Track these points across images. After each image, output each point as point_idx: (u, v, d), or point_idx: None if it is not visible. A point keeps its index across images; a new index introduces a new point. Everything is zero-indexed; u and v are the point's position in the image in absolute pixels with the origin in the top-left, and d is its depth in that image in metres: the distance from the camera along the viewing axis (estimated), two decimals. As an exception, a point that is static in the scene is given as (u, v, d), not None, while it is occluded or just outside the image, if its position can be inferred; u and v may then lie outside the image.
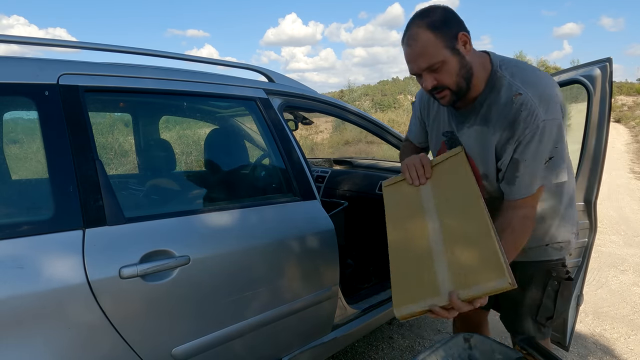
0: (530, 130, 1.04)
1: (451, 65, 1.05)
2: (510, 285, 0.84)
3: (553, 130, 1.04)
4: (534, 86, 1.06)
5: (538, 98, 1.04)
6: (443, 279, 0.93)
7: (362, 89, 42.94)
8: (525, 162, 1.06)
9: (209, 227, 1.27)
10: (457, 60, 1.05)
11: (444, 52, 1.03)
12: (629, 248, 4.00)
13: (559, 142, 1.06)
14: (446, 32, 1.03)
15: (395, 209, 1.24)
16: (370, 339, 2.39)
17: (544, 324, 1.28)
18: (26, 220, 1.01)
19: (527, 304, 1.28)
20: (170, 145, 1.94)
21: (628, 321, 2.59)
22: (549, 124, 1.03)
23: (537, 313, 1.27)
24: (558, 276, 1.26)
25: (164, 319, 1.15)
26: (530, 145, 1.05)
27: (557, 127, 1.04)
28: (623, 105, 29.77)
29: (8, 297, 0.90)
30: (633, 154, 11.70)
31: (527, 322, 1.29)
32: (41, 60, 1.12)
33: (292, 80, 1.82)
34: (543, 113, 1.03)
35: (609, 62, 1.50)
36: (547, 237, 1.23)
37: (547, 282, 1.25)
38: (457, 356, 1.01)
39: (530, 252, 1.25)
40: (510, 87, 1.07)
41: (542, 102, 1.04)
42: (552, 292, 1.26)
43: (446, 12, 1.05)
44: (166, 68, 1.40)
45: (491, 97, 1.10)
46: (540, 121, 1.03)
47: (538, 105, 1.03)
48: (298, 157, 1.58)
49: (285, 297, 1.44)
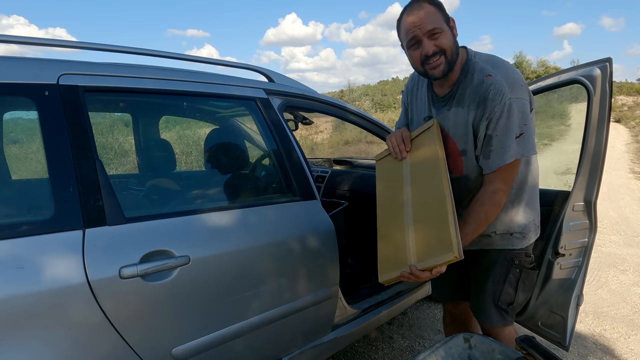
0: (498, 107, 1.16)
1: (447, 35, 1.21)
2: (455, 258, 0.98)
3: (520, 107, 1.16)
4: (502, 69, 1.20)
5: (505, 79, 1.18)
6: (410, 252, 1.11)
7: (362, 89, 42.98)
8: (497, 137, 1.18)
9: (209, 227, 1.27)
10: (451, 35, 1.22)
11: (443, 24, 1.20)
12: (629, 248, 4.00)
13: (527, 120, 1.17)
14: (444, 12, 1.21)
15: (382, 182, 1.37)
16: (370, 339, 2.39)
17: (505, 309, 1.37)
18: (26, 220, 1.01)
19: (490, 290, 1.37)
20: (170, 145, 1.94)
21: (628, 321, 2.59)
22: (515, 102, 1.15)
23: (499, 299, 1.36)
24: (520, 264, 1.35)
25: (164, 319, 1.15)
26: (500, 121, 1.16)
27: (523, 106, 1.16)
28: (623, 105, 29.78)
29: (8, 297, 0.90)
30: (633, 154, 11.70)
31: (489, 307, 1.38)
32: (41, 60, 1.12)
33: (292, 80, 1.82)
34: (509, 92, 1.16)
35: (609, 62, 1.50)
36: (512, 224, 1.32)
37: (509, 270, 1.35)
38: (457, 356, 1.01)
39: (495, 238, 1.34)
40: (482, 71, 1.22)
41: (509, 83, 1.17)
42: (513, 280, 1.35)
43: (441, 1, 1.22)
44: (166, 68, 1.40)
45: (465, 81, 1.25)
46: (507, 99, 1.15)
47: (505, 85, 1.16)
48: (298, 157, 1.58)
49: (285, 297, 1.44)
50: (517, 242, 1.34)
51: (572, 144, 10.01)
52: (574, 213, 1.63)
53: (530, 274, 1.36)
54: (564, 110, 17.67)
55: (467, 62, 1.26)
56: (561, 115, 17.63)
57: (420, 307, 2.76)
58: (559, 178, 7.57)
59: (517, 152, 1.17)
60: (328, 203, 1.98)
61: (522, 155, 1.18)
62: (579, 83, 1.59)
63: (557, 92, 7.25)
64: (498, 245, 1.35)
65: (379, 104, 37.46)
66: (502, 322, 1.38)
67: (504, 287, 1.35)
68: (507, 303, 1.36)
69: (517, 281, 1.35)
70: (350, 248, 2.66)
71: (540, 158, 1.37)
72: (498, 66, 1.22)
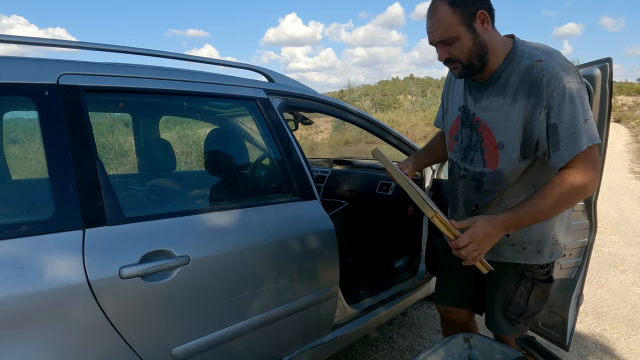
0: (557, 92, 1.05)
1: (464, 41, 1.11)
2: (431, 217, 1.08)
3: (579, 92, 1.06)
4: (553, 55, 1.10)
5: (559, 65, 1.08)
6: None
7: (362, 89, 42.97)
8: (564, 124, 1.06)
9: (209, 227, 1.27)
10: (471, 38, 1.11)
11: (460, 28, 1.10)
12: (629, 248, 4.00)
13: (588, 107, 1.07)
14: (464, 10, 1.09)
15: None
16: (370, 339, 2.39)
17: (515, 319, 1.30)
18: (26, 220, 1.01)
19: (499, 300, 1.31)
20: (170, 145, 1.94)
21: (628, 321, 2.59)
22: (575, 86, 1.05)
23: (508, 308, 1.29)
24: (532, 277, 1.26)
25: (164, 319, 1.15)
26: (562, 107, 1.05)
27: (583, 90, 1.07)
28: (623, 105, 29.76)
29: (8, 297, 0.90)
30: (633, 154, 11.70)
31: (498, 317, 1.32)
32: (41, 60, 1.12)
33: (292, 80, 1.82)
34: (567, 77, 1.06)
35: (609, 62, 1.50)
36: (526, 235, 1.23)
37: (520, 282, 1.27)
38: (457, 356, 1.01)
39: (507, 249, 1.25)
40: (531, 56, 1.11)
41: (563, 68, 1.07)
42: (524, 292, 1.27)
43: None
44: (166, 68, 1.40)
45: (510, 68, 1.14)
46: (566, 83, 1.05)
47: (559, 69, 1.07)
48: (298, 157, 1.58)
49: (285, 297, 1.44)
50: (531, 257, 1.24)
51: (572, 144, 9.89)
52: (574, 213, 1.63)
53: (543, 287, 1.28)
54: (564, 110, 17.63)
55: (512, 50, 1.15)
56: (561, 115, 17.59)
57: (420, 307, 2.76)
58: (559, 178, 7.54)
59: (588, 138, 1.05)
60: (328, 203, 1.98)
61: (593, 142, 1.05)
62: (579, 83, 1.59)
63: (557, 92, 7.21)
64: (509, 259, 1.27)
65: (379, 104, 37.44)
66: (513, 331, 1.32)
67: (514, 299, 1.28)
68: (517, 314, 1.30)
69: (529, 293, 1.27)
70: (350, 248, 2.67)
71: (540, 158, 1.35)
72: (549, 52, 1.12)
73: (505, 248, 1.26)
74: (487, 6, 1.12)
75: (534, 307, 1.28)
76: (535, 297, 1.27)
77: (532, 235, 1.22)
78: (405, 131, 15.92)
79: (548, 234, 1.23)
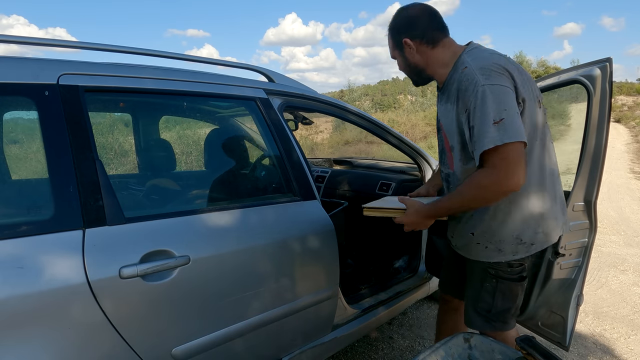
0: (472, 96, 1.14)
1: (401, 61, 1.38)
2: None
3: (496, 93, 1.11)
4: (478, 59, 1.19)
5: (479, 69, 1.15)
6: None
7: (362, 89, 42.96)
8: (476, 125, 1.13)
9: (209, 227, 1.27)
10: (403, 60, 1.36)
11: (395, 51, 1.37)
12: (629, 248, 4.00)
13: (508, 106, 1.10)
14: (396, 38, 1.33)
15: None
16: (370, 339, 2.39)
17: (486, 316, 1.35)
18: (26, 220, 1.01)
19: (470, 295, 1.41)
20: (170, 145, 1.94)
21: (628, 321, 2.59)
22: (490, 88, 1.11)
23: (477, 304, 1.37)
24: (496, 275, 1.31)
25: (164, 319, 1.15)
26: (476, 109, 1.13)
27: (501, 91, 1.11)
28: (623, 105, 29.78)
29: (8, 297, 0.90)
30: (633, 154, 11.71)
31: (470, 311, 1.40)
32: (41, 60, 1.12)
33: (292, 80, 1.82)
34: (483, 79, 1.13)
35: (609, 62, 1.50)
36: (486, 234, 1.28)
37: (485, 279, 1.33)
38: (457, 356, 1.01)
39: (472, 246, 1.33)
40: (462, 64, 1.22)
41: (482, 71, 1.14)
42: (490, 288, 1.33)
43: (400, 20, 1.32)
44: (166, 68, 1.40)
45: (454, 76, 1.25)
46: (480, 86, 1.12)
47: (477, 73, 1.14)
48: (298, 157, 1.58)
49: (285, 297, 1.44)
50: (492, 255, 1.29)
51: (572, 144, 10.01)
52: (574, 213, 1.63)
53: (510, 285, 1.30)
54: (564, 110, 17.66)
55: (457, 59, 1.25)
56: (561, 115, 17.63)
57: (420, 307, 2.76)
58: (559, 178, 7.55)
59: (496, 138, 1.08)
60: (328, 203, 1.98)
61: (503, 142, 1.07)
62: (579, 83, 1.59)
63: (557, 92, 7.26)
64: (474, 256, 1.34)
65: (379, 104, 37.42)
66: (487, 327, 1.35)
67: (481, 295, 1.34)
68: (485, 310, 1.35)
69: (494, 290, 1.31)
70: (350, 248, 2.66)
71: (540, 158, 1.35)
72: (477, 57, 1.20)
73: (471, 246, 1.33)
74: (419, 33, 1.28)
75: (501, 304, 1.32)
76: (502, 295, 1.31)
77: (492, 235, 1.27)
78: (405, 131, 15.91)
79: (509, 233, 1.25)
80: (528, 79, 1.23)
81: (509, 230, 1.25)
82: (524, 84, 1.18)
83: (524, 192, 1.22)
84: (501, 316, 1.34)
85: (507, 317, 1.35)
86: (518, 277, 1.31)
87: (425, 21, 1.28)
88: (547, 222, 1.27)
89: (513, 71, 1.16)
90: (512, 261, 1.28)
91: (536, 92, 1.24)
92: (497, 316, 1.34)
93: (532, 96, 1.20)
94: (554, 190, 1.29)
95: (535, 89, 1.25)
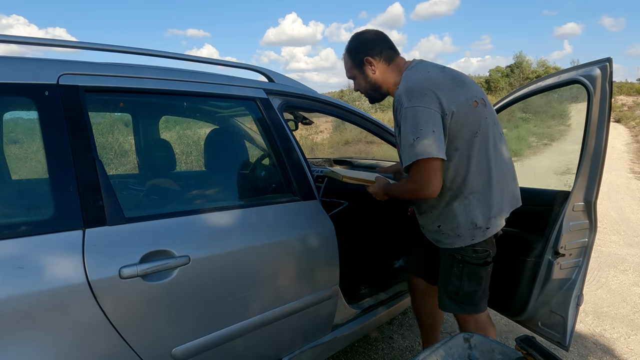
0: (399, 116, 1.32)
1: (360, 80, 1.50)
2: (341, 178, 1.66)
3: (414, 114, 1.26)
4: (406, 81, 1.35)
5: (405, 90, 1.32)
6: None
7: (362, 89, 42.78)
8: (401, 142, 1.32)
9: (209, 227, 1.27)
10: (363, 78, 1.49)
11: (354, 70, 1.50)
12: (629, 248, 4.00)
13: (423, 126, 1.25)
14: (355, 57, 1.47)
15: None
16: (370, 339, 2.39)
17: (455, 298, 1.50)
18: (26, 220, 1.02)
19: (441, 278, 1.55)
20: (170, 145, 1.94)
21: (628, 321, 2.59)
22: (411, 110, 1.27)
23: (447, 287, 1.51)
24: (462, 260, 1.45)
25: (164, 319, 1.15)
26: (402, 128, 1.30)
27: (421, 113, 1.26)
28: (623, 105, 29.77)
29: (8, 297, 0.90)
30: (633, 154, 11.71)
31: (442, 294, 1.55)
32: (41, 60, 1.12)
33: (292, 80, 1.82)
34: (407, 102, 1.29)
35: (609, 62, 1.50)
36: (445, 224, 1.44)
37: (452, 264, 1.48)
38: (457, 356, 1.01)
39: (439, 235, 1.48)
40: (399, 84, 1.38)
41: (407, 93, 1.30)
42: (457, 272, 1.47)
43: (359, 41, 1.46)
44: (166, 68, 1.40)
45: (396, 93, 1.39)
46: (403, 108, 1.29)
47: (404, 95, 1.30)
48: (298, 157, 1.58)
49: (285, 297, 1.44)
50: (454, 241, 1.44)
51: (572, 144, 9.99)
52: (574, 213, 1.63)
53: (474, 268, 1.45)
54: (564, 110, 17.67)
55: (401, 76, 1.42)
56: (561, 115, 17.64)
57: (420, 307, 2.76)
58: (559, 178, 7.57)
59: (412, 155, 1.26)
60: (328, 203, 1.98)
61: (417, 158, 1.25)
62: (579, 83, 1.59)
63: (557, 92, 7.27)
64: (442, 244, 1.49)
65: (379, 104, 37.42)
66: (458, 310, 1.51)
67: (450, 278, 1.49)
68: (454, 293, 1.49)
69: (461, 274, 1.46)
70: (350, 248, 2.66)
71: (540, 158, 1.38)
72: (408, 78, 1.36)
73: (439, 236, 1.49)
74: (377, 51, 1.43)
75: (468, 287, 1.47)
76: (468, 278, 1.46)
77: (449, 224, 1.44)
78: (405, 131, 15.83)
79: (465, 221, 1.40)
80: (458, 86, 1.34)
81: (465, 218, 1.40)
82: (451, 95, 1.30)
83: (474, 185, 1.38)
84: (469, 298, 1.49)
85: (475, 299, 1.49)
86: (483, 262, 1.45)
87: (381, 41, 1.45)
88: (497, 208, 1.41)
89: (438, 88, 1.29)
90: (476, 247, 1.42)
91: (470, 94, 1.35)
92: (465, 298, 1.48)
93: (464, 100, 1.32)
94: (500, 180, 1.41)
95: (470, 91, 1.36)
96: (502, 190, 1.42)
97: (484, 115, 1.37)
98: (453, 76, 1.37)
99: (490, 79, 38.02)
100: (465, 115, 1.31)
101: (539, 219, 1.72)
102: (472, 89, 1.38)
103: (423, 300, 1.81)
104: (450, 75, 1.37)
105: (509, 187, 1.45)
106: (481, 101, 1.38)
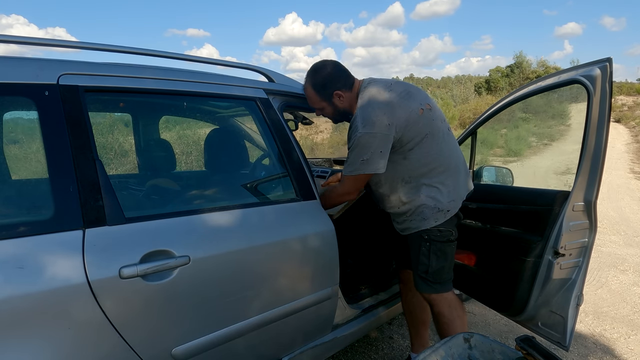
0: (352, 140, 1.47)
1: (328, 109, 1.64)
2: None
3: (367, 140, 1.44)
4: (362, 108, 1.49)
5: (360, 118, 1.46)
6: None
7: (362, 89, 42.78)
8: (348, 160, 1.51)
9: (209, 227, 1.27)
10: (332, 108, 1.62)
11: (322, 103, 1.61)
12: (629, 248, 4.00)
13: (374, 149, 1.44)
14: (323, 93, 1.58)
15: None
16: (370, 339, 2.39)
17: (425, 277, 1.62)
18: (26, 220, 1.02)
19: (413, 261, 1.67)
20: (170, 145, 1.94)
21: (628, 321, 2.59)
22: (364, 137, 1.44)
23: (418, 267, 1.64)
24: (429, 238, 1.59)
25: (164, 319, 1.15)
26: (352, 150, 1.48)
27: (373, 138, 1.44)
28: (623, 105, 29.76)
29: (8, 297, 0.90)
30: (633, 154, 11.71)
31: (414, 275, 1.68)
32: (41, 60, 1.12)
33: (292, 80, 1.82)
34: (361, 127, 1.44)
35: (609, 62, 1.50)
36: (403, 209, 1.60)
37: (421, 244, 1.61)
38: (457, 356, 1.01)
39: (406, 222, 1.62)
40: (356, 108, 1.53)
41: (362, 121, 1.45)
42: (425, 251, 1.61)
43: (324, 77, 1.56)
44: (166, 68, 1.40)
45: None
46: (358, 132, 1.44)
47: (359, 121, 1.45)
48: (298, 157, 1.58)
49: (285, 297, 1.44)
50: (420, 224, 1.58)
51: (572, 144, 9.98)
52: (574, 213, 1.63)
53: (440, 245, 1.59)
54: (564, 110, 17.67)
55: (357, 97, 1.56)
56: (561, 115, 17.63)
57: (420, 307, 2.75)
58: (559, 178, 7.58)
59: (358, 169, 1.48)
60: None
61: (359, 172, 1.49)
62: (579, 83, 1.59)
63: (557, 92, 7.26)
64: (410, 230, 1.63)
65: (378, 104, 37.31)
66: (429, 290, 1.63)
67: (420, 258, 1.62)
68: (424, 271, 1.62)
69: (429, 252, 1.59)
70: (350, 248, 2.66)
71: (540, 158, 1.39)
72: (361, 102, 1.51)
73: (408, 224, 1.63)
74: (342, 83, 1.56)
75: (436, 263, 1.60)
76: (435, 255, 1.59)
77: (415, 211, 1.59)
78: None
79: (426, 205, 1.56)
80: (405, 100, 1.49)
81: (429, 203, 1.56)
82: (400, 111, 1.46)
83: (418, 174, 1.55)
84: (437, 276, 1.61)
85: (443, 276, 1.63)
86: (446, 240, 1.59)
87: (342, 73, 1.57)
88: (455, 192, 1.59)
89: (388, 109, 1.45)
90: (440, 228, 1.57)
91: (416, 104, 1.50)
92: (434, 276, 1.61)
93: (413, 110, 1.49)
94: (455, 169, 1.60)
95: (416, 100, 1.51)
96: (458, 177, 1.60)
97: (431, 118, 1.54)
98: (399, 92, 1.51)
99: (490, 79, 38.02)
100: (415, 123, 1.48)
101: (539, 219, 1.72)
102: (418, 98, 1.53)
103: (414, 293, 1.85)
104: (397, 92, 1.51)
105: (462, 174, 1.63)
106: (427, 106, 1.54)
